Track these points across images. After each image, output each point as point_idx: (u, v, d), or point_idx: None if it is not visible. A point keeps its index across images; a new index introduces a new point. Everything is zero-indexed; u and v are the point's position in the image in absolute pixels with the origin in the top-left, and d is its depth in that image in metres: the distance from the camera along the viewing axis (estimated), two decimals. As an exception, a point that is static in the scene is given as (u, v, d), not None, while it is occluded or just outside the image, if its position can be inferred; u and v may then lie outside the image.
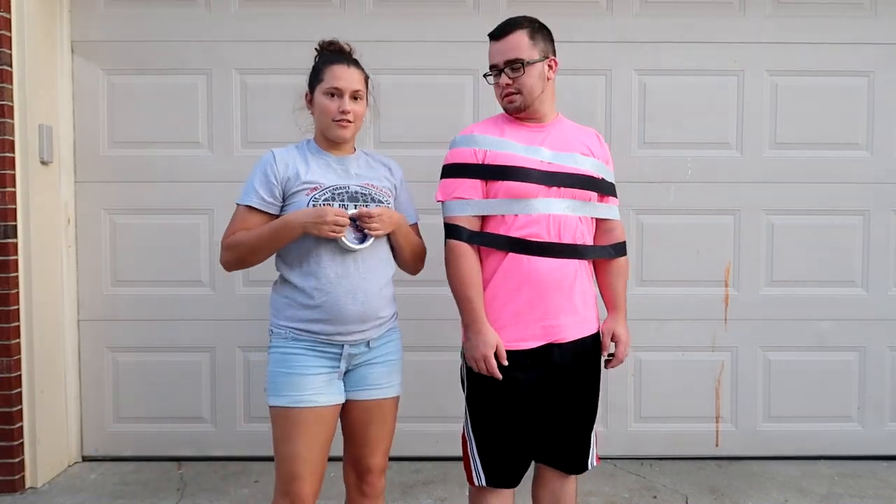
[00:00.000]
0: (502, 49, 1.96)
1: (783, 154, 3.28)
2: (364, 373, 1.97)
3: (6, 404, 2.91)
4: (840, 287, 3.32)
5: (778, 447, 3.35)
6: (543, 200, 1.92)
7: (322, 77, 1.95)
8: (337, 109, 1.93)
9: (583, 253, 1.97)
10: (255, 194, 1.92)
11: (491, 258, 1.96)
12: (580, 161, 1.98)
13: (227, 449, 3.32)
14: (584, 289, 2.00)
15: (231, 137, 3.26)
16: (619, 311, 2.09)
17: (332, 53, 2.01)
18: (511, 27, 1.97)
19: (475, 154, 1.96)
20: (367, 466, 2.00)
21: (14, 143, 2.91)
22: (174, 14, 3.22)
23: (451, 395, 3.37)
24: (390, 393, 2.01)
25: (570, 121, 2.10)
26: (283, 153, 1.97)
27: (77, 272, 3.28)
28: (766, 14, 3.26)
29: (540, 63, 1.96)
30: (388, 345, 2.01)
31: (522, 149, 1.95)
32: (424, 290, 3.02)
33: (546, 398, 1.98)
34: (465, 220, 1.95)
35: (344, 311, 1.89)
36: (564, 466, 2.06)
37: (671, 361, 3.33)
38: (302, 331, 1.90)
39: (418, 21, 3.23)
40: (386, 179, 2.04)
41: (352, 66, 1.97)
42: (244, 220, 1.93)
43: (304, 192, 1.90)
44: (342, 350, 1.92)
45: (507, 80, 1.95)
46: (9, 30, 2.87)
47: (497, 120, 2.05)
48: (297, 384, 1.88)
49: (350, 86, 1.94)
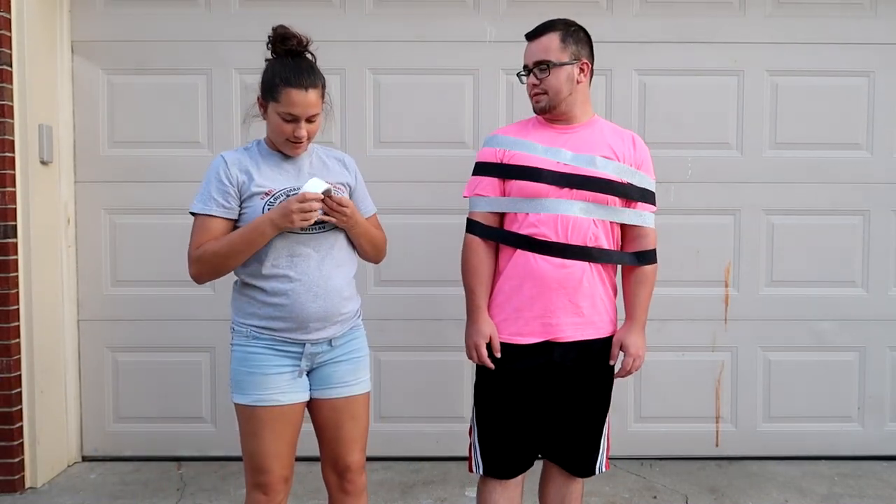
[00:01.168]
0: (534, 50, 2.02)
1: (783, 154, 3.28)
2: (329, 371, 1.96)
3: (6, 404, 2.91)
4: (840, 287, 3.32)
5: (778, 447, 3.35)
6: (554, 201, 1.94)
7: (277, 97, 1.86)
8: (292, 133, 1.87)
9: (595, 256, 1.97)
10: (213, 202, 1.88)
11: (504, 253, 2.03)
12: (599, 164, 1.98)
13: (227, 449, 3.31)
14: (595, 292, 1.99)
15: (231, 137, 3.26)
16: (634, 321, 2.07)
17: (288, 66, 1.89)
18: (545, 29, 2.02)
19: (495, 154, 2.04)
20: (345, 465, 2.00)
21: (14, 143, 2.91)
22: (174, 14, 3.22)
23: (451, 395, 3.39)
24: (358, 390, 1.99)
25: (607, 123, 2.12)
26: (233, 157, 1.94)
27: (77, 272, 3.28)
28: (766, 14, 3.26)
29: (569, 66, 1.99)
30: (352, 342, 1.99)
31: (542, 149, 1.99)
32: (425, 290, 3.02)
33: (548, 395, 2.00)
34: (482, 215, 2.04)
35: (304, 309, 1.87)
36: (570, 467, 2.08)
37: (671, 361, 3.33)
38: (262, 328, 1.89)
39: (418, 21, 3.23)
40: (340, 174, 2.01)
41: (309, 90, 1.85)
42: (207, 229, 1.88)
43: (259, 197, 1.87)
44: (303, 349, 1.91)
45: (534, 81, 2.00)
46: (9, 30, 2.87)
47: (528, 121, 2.11)
48: (260, 383, 1.88)
49: (306, 112, 1.86)
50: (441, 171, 3.18)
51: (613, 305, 2.07)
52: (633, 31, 3.25)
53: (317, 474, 3.10)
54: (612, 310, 2.06)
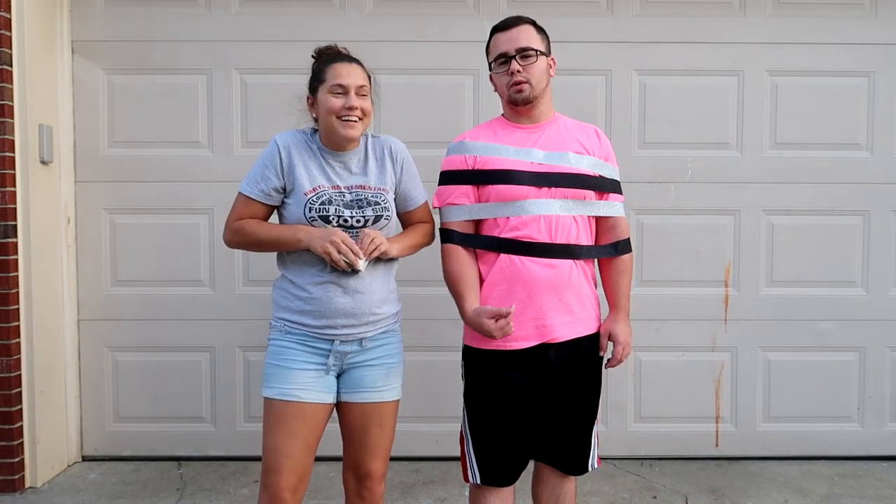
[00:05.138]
0: (513, 37, 1.98)
1: (783, 154, 3.28)
2: (359, 375, 1.95)
3: (6, 404, 2.91)
4: (840, 287, 3.32)
5: (778, 447, 3.35)
6: (534, 202, 1.93)
7: (324, 77, 1.92)
8: (343, 106, 1.88)
9: (577, 253, 1.97)
10: (256, 187, 1.93)
11: (485, 260, 1.99)
12: (573, 160, 1.97)
13: (226, 449, 3.32)
14: (581, 289, 1.99)
15: (231, 137, 3.26)
16: (619, 311, 2.08)
17: (330, 55, 1.98)
18: (518, 21, 2.01)
19: (465, 161, 2.00)
20: (366, 471, 1.98)
21: (14, 143, 2.91)
22: (174, 14, 3.22)
23: (451, 395, 3.37)
24: (388, 397, 1.97)
25: (568, 119, 2.10)
26: (287, 142, 1.94)
27: (77, 272, 3.28)
28: (766, 14, 3.26)
29: (545, 57, 2.00)
30: (384, 347, 1.98)
31: (514, 151, 1.98)
32: (425, 290, 3.02)
33: (542, 398, 1.98)
34: (458, 224, 2.00)
35: (332, 303, 1.88)
36: (563, 466, 2.06)
37: (671, 361, 3.33)
38: (294, 323, 1.91)
39: (418, 21, 3.23)
40: (386, 171, 1.99)
41: (353, 63, 1.94)
42: (248, 207, 1.95)
43: (303, 192, 1.90)
44: (332, 346, 1.91)
45: (518, 68, 1.95)
46: (9, 30, 2.87)
47: (491, 124, 2.07)
48: (284, 377, 1.89)
49: (355, 81, 1.90)
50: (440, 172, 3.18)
51: (597, 300, 2.07)
52: (633, 31, 3.25)
53: (317, 474, 3.11)
54: (596, 305, 2.06)
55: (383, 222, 1.94)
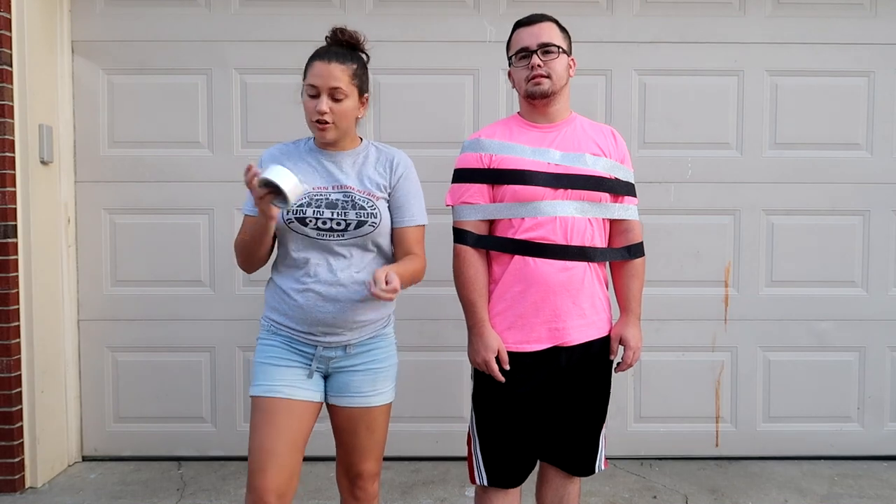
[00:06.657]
0: (536, 32, 1.96)
1: (783, 154, 3.29)
2: (345, 379, 1.91)
3: (6, 404, 2.91)
4: (840, 287, 3.32)
5: (778, 447, 3.35)
6: (550, 203, 1.91)
7: (305, 75, 1.84)
8: (314, 109, 1.80)
9: (592, 255, 1.95)
10: (251, 204, 1.85)
11: (499, 260, 1.97)
12: (590, 162, 1.96)
13: (227, 449, 3.32)
14: (594, 292, 1.98)
15: (231, 137, 3.26)
16: (630, 314, 2.06)
17: (317, 51, 1.86)
18: (542, 17, 2.01)
19: (481, 159, 1.97)
20: (357, 472, 1.96)
21: (14, 143, 2.91)
22: (174, 14, 3.22)
23: (451, 395, 3.39)
24: (375, 402, 1.92)
25: (585, 119, 2.08)
26: (272, 154, 1.92)
27: (77, 272, 3.28)
28: (766, 14, 3.26)
29: (567, 56, 2.00)
30: (372, 352, 1.93)
31: (530, 151, 1.95)
32: (424, 290, 3.00)
33: (551, 400, 1.98)
34: (472, 224, 1.97)
35: (313, 312, 1.84)
36: (569, 467, 2.06)
37: (671, 361, 3.33)
38: (280, 325, 1.90)
39: (418, 21, 3.23)
40: (380, 176, 1.91)
41: (333, 62, 1.80)
42: (245, 224, 1.90)
43: None
44: (315, 350, 1.89)
45: (539, 62, 1.93)
46: (9, 30, 2.87)
47: (508, 122, 2.05)
48: (271, 374, 1.87)
49: (326, 83, 1.79)
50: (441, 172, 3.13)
51: (608, 302, 2.06)
52: (633, 31, 3.25)
53: (317, 474, 3.12)
54: (608, 308, 2.05)
55: (367, 229, 1.85)
